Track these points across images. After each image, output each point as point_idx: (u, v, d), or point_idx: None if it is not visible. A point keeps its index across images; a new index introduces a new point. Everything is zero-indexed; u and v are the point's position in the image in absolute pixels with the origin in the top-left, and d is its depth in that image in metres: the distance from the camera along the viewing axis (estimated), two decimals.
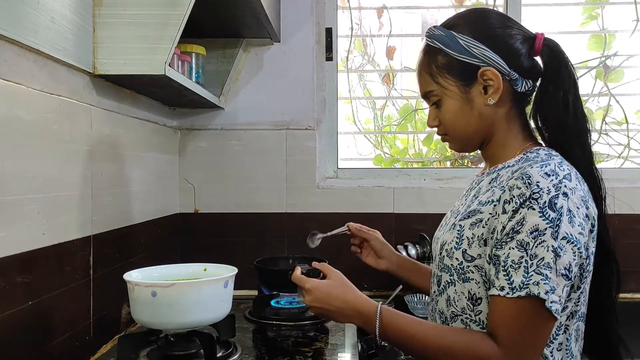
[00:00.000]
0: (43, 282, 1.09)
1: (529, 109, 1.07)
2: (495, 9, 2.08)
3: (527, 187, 0.91)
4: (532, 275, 0.88)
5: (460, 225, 1.01)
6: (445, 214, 1.17)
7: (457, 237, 1.00)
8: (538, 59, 1.04)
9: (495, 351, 0.90)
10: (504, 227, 0.92)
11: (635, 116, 2.16)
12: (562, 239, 0.88)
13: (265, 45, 2.03)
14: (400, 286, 1.72)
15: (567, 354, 0.96)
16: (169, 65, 1.31)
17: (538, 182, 0.90)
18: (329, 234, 1.40)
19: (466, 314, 0.99)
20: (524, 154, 1.02)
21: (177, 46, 1.43)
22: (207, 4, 1.49)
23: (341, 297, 1.03)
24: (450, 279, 1.02)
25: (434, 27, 1.06)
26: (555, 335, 0.94)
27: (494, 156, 1.07)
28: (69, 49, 1.18)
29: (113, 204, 1.43)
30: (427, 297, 1.74)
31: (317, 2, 2.05)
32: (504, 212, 0.93)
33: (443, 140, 1.12)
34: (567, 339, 0.96)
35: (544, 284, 0.87)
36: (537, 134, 1.06)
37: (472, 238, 0.97)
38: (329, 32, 2.08)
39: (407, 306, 1.81)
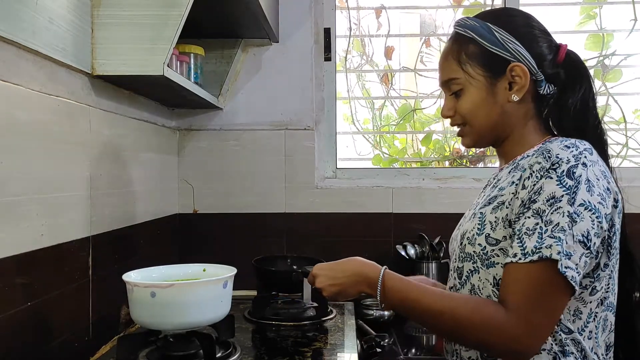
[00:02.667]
0: (42, 283, 1.09)
1: None
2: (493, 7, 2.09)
3: (546, 160, 0.91)
4: (545, 239, 0.87)
5: (481, 212, 1.01)
6: (444, 213, 1.17)
7: (478, 224, 1.00)
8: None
9: (503, 315, 0.88)
10: (522, 201, 0.92)
11: (634, 115, 2.17)
12: (579, 205, 0.87)
13: (263, 46, 2.03)
14: None
15: (596, 343, 0.95)
16: (168, 65, 1.31)
17: (558, 154, 0.91)
18: None
19: None
20: (543, 143, 1.01)
21: (175, 47, 1.43)
22: (205, 4, 1.48)
23: (344, 267, 1.08)
24: (473, 267, 1.01)
25: (467, 17, 1.06)
26: (586, 323, 0.94)
27: (511, 152, 1.07)
28: (67, 49, 1.18)
29: (112, 205, 1.43)
30: None
31: (315, 2, 2.05)
32: (524, 187, 0.93)
33: (459, 133, 1.11)
34: (595, 326, 0.95)
35: (557, 245, 0.86)
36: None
37: (495, 222, 0.97)
38: (327, 32, 2.08)
39: None
